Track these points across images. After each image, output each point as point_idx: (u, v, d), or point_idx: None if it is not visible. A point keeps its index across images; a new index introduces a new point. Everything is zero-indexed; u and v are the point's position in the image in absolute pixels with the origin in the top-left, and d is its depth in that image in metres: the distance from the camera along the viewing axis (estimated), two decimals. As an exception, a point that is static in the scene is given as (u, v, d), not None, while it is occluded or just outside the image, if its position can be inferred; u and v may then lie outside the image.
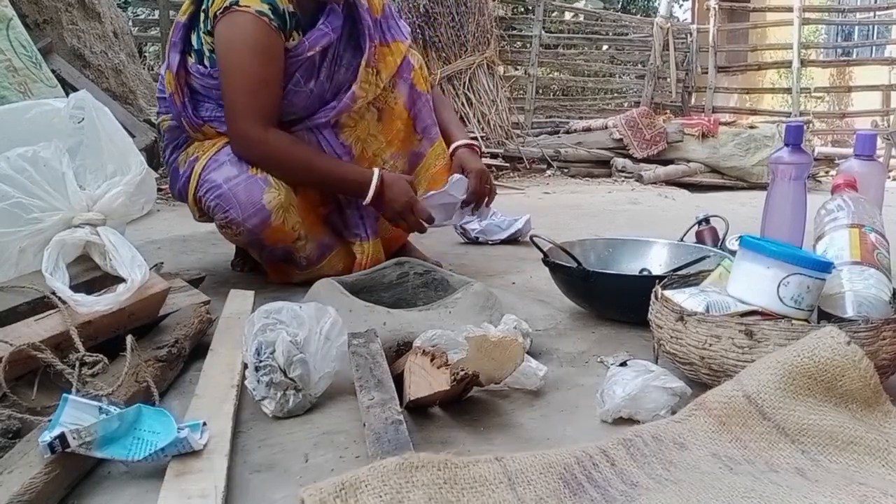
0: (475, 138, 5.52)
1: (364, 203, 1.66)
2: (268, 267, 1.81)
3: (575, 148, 5.73)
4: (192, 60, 1.66)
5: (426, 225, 1.71)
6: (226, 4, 1.55)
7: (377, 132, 1.79)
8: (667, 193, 4.75)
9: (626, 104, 7.35)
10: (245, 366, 1.07)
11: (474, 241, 2.46)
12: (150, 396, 1.02)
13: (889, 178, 5.24)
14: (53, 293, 1.07)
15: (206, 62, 1.64)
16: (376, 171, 1.66)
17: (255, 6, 1.54)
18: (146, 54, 7.52)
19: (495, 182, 1.76)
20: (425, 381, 0.99)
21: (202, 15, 1.63)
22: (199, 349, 1.25)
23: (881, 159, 5.52)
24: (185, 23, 1.67)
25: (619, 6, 11.12)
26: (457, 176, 1.74)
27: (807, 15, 7.55)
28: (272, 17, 1.55)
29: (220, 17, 1.57)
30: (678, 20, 9.66)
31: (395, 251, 1.90)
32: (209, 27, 1.60)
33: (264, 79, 1.57)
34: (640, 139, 5.60)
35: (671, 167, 5.45)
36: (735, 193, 5.03)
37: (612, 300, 1.48)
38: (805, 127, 2.66)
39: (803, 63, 7.55)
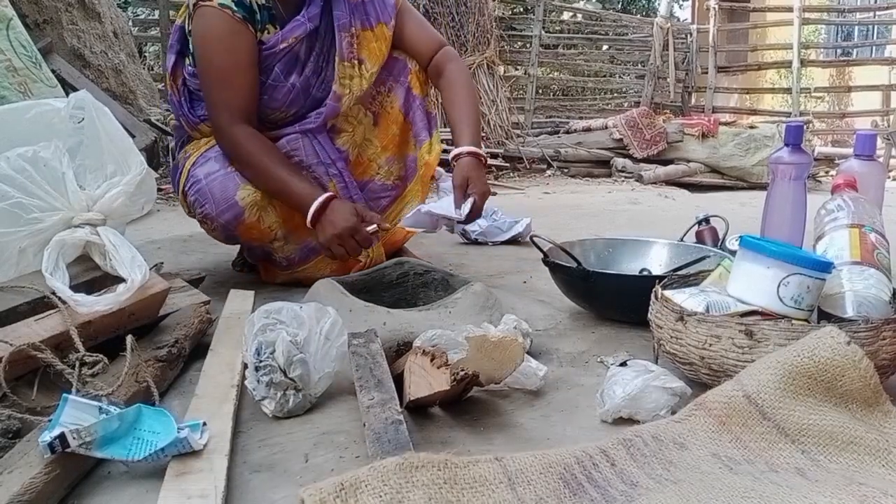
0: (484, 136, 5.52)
1: (307, 223, 1.56)
2: (260, 266, 1.81)
3: (575, 148, 5.73)
4: (187, 62, 1.67)
5: (361, 253, 1.60)
6: (194, 1, 1.57)
7: (372, 137, 1.77)
8: (667, 193, 4.75)
9: (626, 104, 7.35)
10: (245, 366, 1.07)
11: (474, 242, 2.46)
12: (150, 396, 1.02)
13: (889, 178, 5.24)
14: (53, 293, 1.07)
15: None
16: (324, 195, 1.55)
17: None
18: (146, 54, 7.52)
19: (495, 182, 1.74)
20: (425, 381, 0.99)
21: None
22: (199, 349, 1.25)
23: (881, 159, 5.52)
24: (181, 25, 1.68)
25: (619, 6, 11.12)
26: (470, 200, 1.57)
27: (807, 15, 7.55)
28: (235, 8, 1.54)
29: (193, 15, 1.58)
30: (678, 20, 9.66)
31: (391, 254, 1.89)
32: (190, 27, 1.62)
33: (229, 70, 1.56)
34: (640, 139, 5.61)
35: (671, 167, 5.46)
36: (735, 193, 5.03)
37: (612, 300, 1.48)
38: (805, 127, 2.66)
39: (803, 63, 7.56)
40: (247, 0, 1.56)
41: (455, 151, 1.64)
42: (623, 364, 1.11)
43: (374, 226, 1.56)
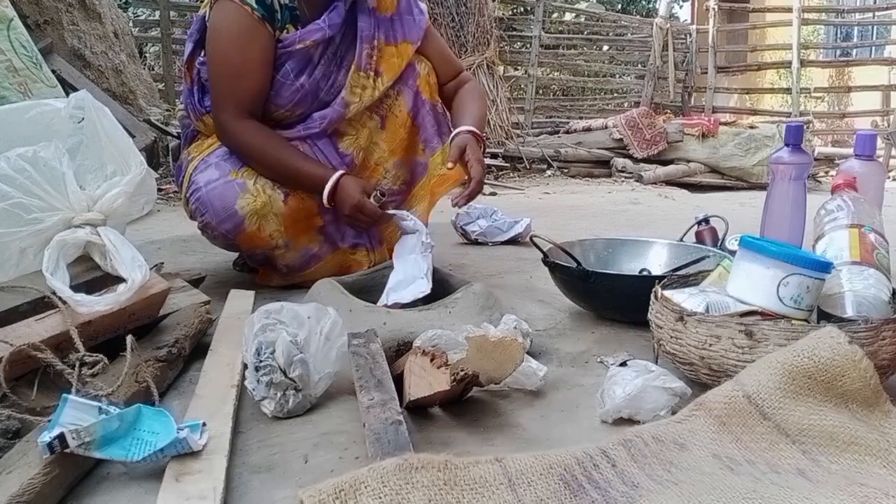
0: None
1: (325, 204, 1.60)
2: (259, 270, 1.80)
3: (575, 148, 5.73)
4: (202, 53, 1.67)
5: (374, 222, 1.63)
6: None
7: (379, 140, 1.76)
8: (667, 193, 4.75)
9: (626, 104, 7.37)
10: (245, 366, 1.07)
11: (474, 242, 2.47)
12: (149, 396, 1.02)
13: (889, 178, 5.25)
14: (54, 293, 1.07)
15: None
16: (334, 177, 1.58)
17: None
18: (146, 54, 7.52)
19: (495, 182, 1.77)
20: (425, 381, 0.99)
21: None
22: (199, 349, 1.25)
23: (881, 159, 5.53)
24: (202, 15, 1.67)
25: (619, 6, 11.13)
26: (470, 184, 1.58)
27: (806, 15, 7.56)
28: (255, 6, 1.54)
29: (212, 7, 1.58)
30: (678, 21, 9.67)
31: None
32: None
33: (240, 67, 1.56)
34: (640, 139, 5.61)
35: (671, 167, 5.46)
36: (735, 193, 5.04)
37: (612, 300, 1.47)
38: (805, 127, 2.66)
39: (803, 63, 7.56)
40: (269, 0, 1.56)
41: (455, 130, 1.67)
42: (623, 364, 1.11)
43: (376, 192, 1.59)
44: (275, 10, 1.57)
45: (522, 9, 7.44)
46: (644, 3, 12.05)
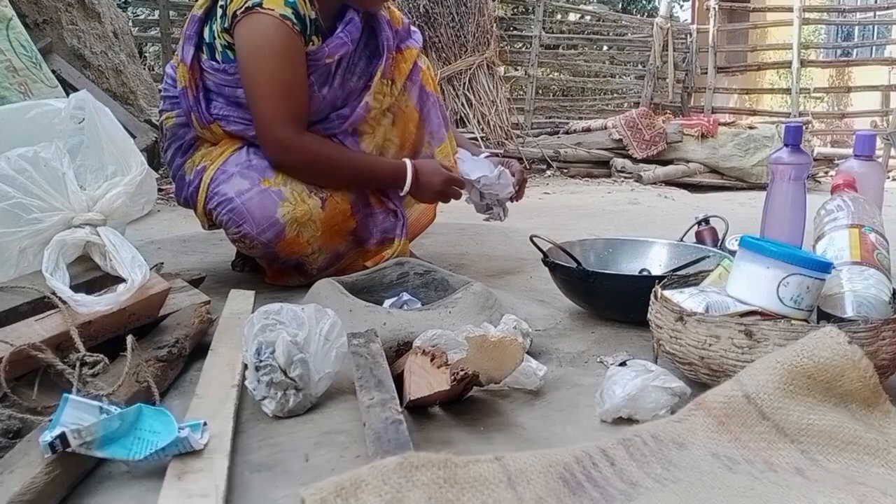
0: (475, 139, 5.55)
1: (402, 193, 1.74)
2: (269, 270, 1.81)
3: (574, 148, 5.73)
4: (204, 56, 1.65)
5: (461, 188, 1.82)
6: (248, 4, 1.53)
7: (392, 136, 1.80)
8: (666, 194, 4.75)
9: (625, 104, 7.36)
10: (245, 366, 1.07)
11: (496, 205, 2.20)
12: (150, 396, 1.02)
13: (889, 178, 5.25)
14: (53, 293, 1.07)
15: (219, 57, 1.62)
16: (407, 161, 1.73)
17: (279, 9, 1.52)
18: (146, 54, 7.53)
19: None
20: (425, 381, 0.99)
21: (219, 10, 1.60)
22: (199, 349, 1.25)
23: (881, 159, 5.53)
24: (200, 16, 1.64)
25: (620, 6, 11.14)
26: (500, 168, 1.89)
27: (807, 15, 7.56)
28: (294, 20, 1.54)
29: (242, 18, 1.54)
30: (678, 21, 9.66)
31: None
32: (226, 24, 1.58)
33: (293, 83, 1.57)
34: (640, 139, 5.61)
35: (671, 167, 5.46)
36: (734, 193, 5.04)
37: (612, 300, 1.48)
38: (804, 127, 2.67)
39: (803, 63, 7.56)
40: (302, 13, 1.56)
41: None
42: (623, 364, 1.11)
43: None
44: (307, 25, 1.58)
45: (523, 8, 7.44)
46: (644, 2, 12.05)
